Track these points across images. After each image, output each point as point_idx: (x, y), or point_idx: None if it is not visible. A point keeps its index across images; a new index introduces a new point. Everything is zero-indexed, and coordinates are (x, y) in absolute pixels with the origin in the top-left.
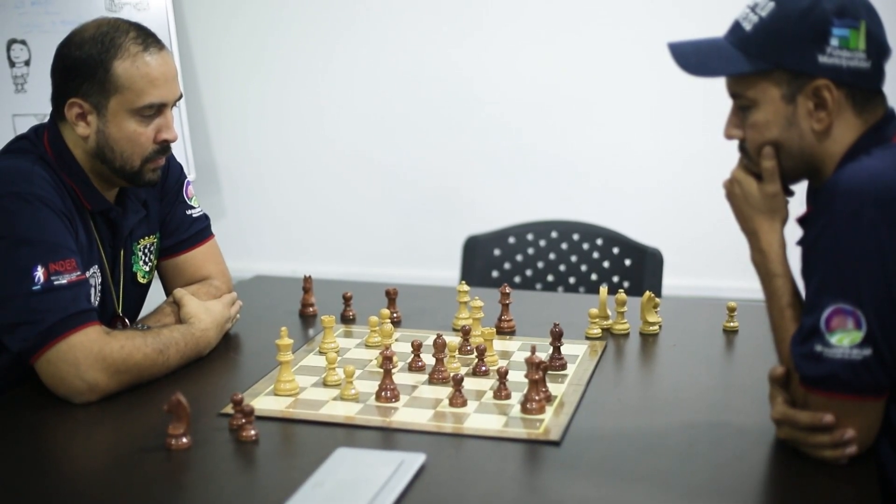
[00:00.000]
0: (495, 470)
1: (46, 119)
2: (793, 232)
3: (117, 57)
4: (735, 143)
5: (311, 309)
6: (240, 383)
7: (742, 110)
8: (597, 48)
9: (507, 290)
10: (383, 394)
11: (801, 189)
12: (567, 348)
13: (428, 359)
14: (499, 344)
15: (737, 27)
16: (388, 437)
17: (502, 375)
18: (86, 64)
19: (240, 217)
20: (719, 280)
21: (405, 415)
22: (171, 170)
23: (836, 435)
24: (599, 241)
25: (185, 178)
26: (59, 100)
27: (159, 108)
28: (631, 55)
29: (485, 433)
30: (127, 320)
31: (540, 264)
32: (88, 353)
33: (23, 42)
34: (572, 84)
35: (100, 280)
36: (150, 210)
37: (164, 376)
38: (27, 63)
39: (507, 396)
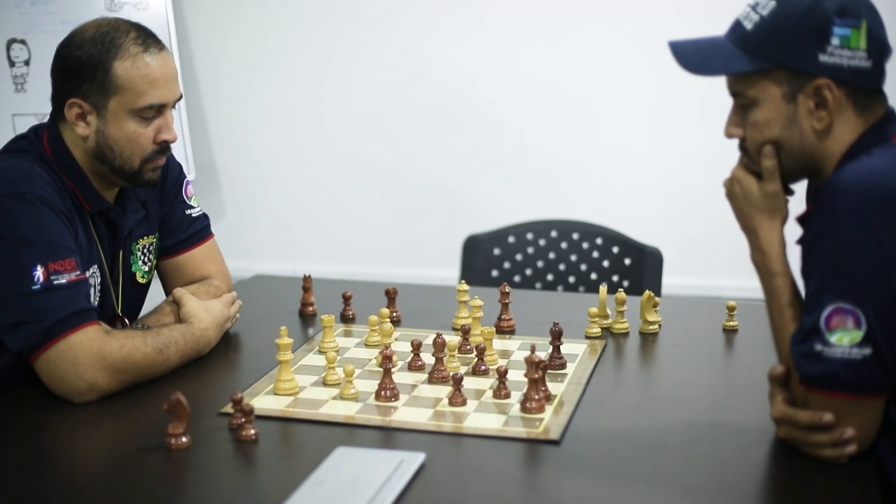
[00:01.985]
0: (495, 469)
1: (46, 119)
2: (793, 231)
3: (117, 57)
4: (735, 142)
5: (310, 308)
6: (239, 383)
7: (742, 109)
8: (597, 48)
9: (507, 289)
10: (383, 393)
11: (801, 188)
12: (567, 347)
13: (428, 358)
14: (498, 343)
15: (738, 26)
16: (388, 436)
17: (502, 375)
18: (86, 64)
19: (240, 217)
20: (719, 279)
21: (405, 414)
22: (170, 169)
23: (835, 434)
24: (599, 241)
25: (185, 177)
26: (58, 100)
27: (159, 109)
28: (630, 54)
29: (484, 432)
30: (126, 320)
31: (540, 263)
32: (88, 353)
33: (23, 42)
34: (572, 83)
35: (99, 280)
36: (150, 210)
37: (164, 376)
38: (27, 63)
39: (507, 396)
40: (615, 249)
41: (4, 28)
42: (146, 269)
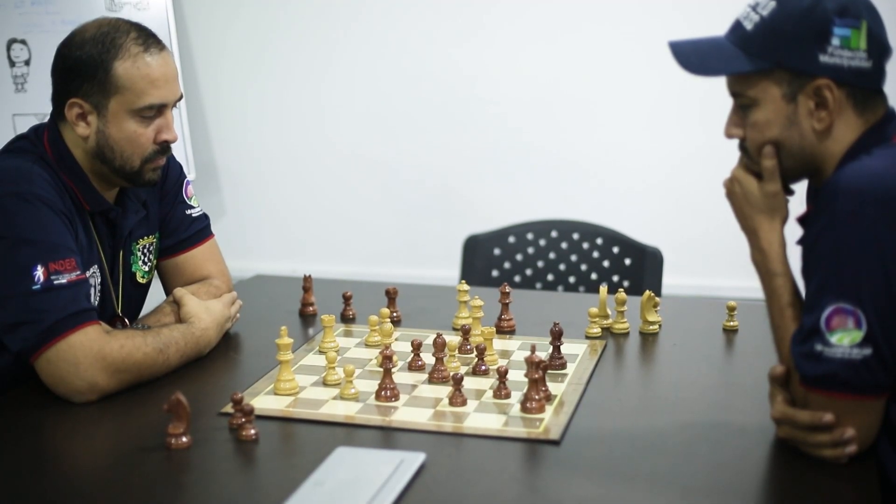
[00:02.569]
0: (495, 469)
1: (46, 119)
2: (793, 231)
3: (118, 57)
4: (735, 143)
5: (311, 308)
6: (240, 383)
7: (742, 109)
8: (597, 47)
9: (507, 289)
10: (383, 393)
11: (801, 188)
12: (567, 347)
13: (428, 358)
14: (499, 343)
15: (738, 26)
16: (388, 436)
17: (502, 375)
18: (86, 64)
19: (240, 217)
20: (719, 279)
21: (405, 414)
22: (170, 169)
23: (835, 434)
24: (599, 241)
25: (185, 177)
26: (59, 100)
27: (159, 109)
28: (631, 54)
29: (484, 432)
30: (126, 320)
31: (540, 263)
32: (88, 353)
33: (23, 42)
34: (572, 83)
35: (99, 280)
36: (150, 210)
37: (164, 376)
38: (27, 63)
39: (507, 396)
40: (615, 249)
41: (4, 28)
42: (146, 269)
